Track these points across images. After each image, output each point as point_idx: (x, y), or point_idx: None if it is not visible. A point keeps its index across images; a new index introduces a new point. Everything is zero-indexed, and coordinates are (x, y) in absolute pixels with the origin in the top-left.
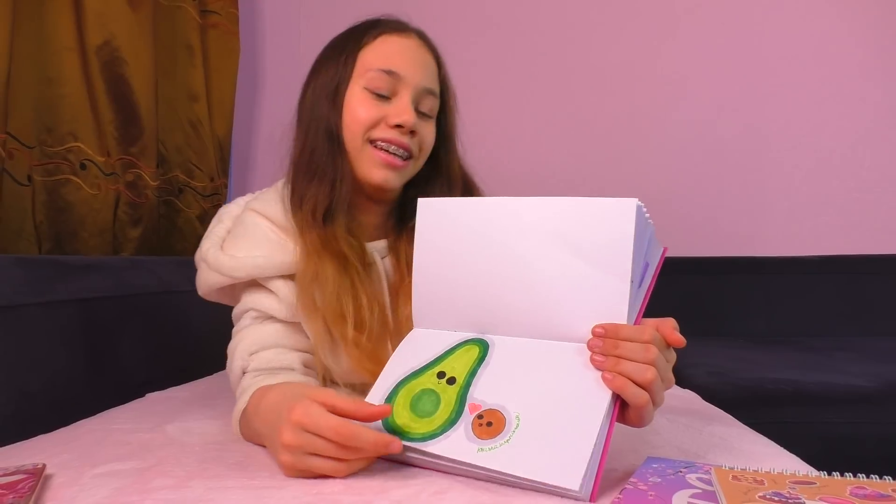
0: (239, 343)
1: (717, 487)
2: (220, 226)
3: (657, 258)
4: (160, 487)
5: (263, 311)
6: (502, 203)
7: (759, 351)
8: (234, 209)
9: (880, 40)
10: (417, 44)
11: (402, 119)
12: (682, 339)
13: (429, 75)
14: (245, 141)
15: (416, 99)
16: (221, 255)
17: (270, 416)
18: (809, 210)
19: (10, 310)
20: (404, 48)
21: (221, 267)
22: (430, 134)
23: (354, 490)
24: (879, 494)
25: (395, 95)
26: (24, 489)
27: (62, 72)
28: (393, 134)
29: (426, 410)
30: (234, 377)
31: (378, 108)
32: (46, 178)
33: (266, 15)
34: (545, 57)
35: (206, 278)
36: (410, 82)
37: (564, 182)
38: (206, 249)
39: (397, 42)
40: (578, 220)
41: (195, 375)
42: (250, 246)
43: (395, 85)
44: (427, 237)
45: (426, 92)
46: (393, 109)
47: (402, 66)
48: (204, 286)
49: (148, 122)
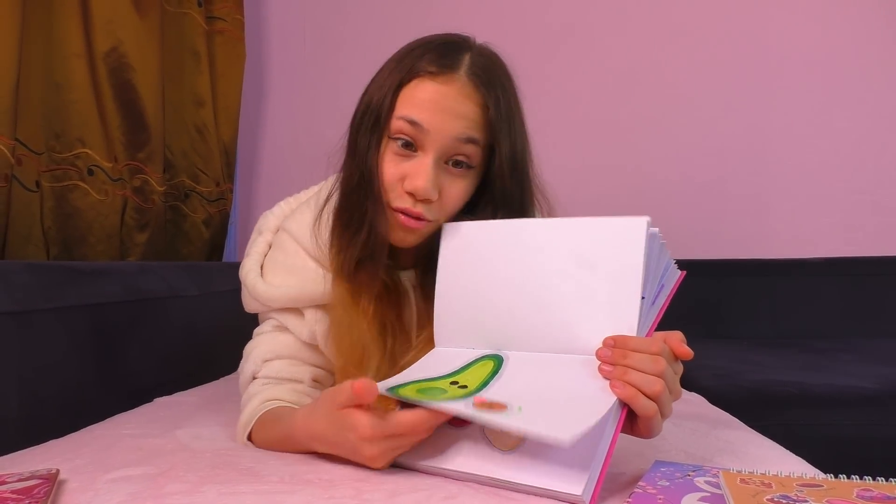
0: (256, 347)
1: (726, 490)
2: (260, 239)
3: (673, 282)
4: (174, 493)
5: (282, 324)
6: (520, 224)
7: (764, 353)
8: (273, 221)
9: (883, 42)
10: (457, 89)
11: (414, 186)
12: (690, 352)
13: (464, 123)
14: (250, 146)
15: (445, 153)
16: (259, 283)
17: (326, 434)
18: (813, 212)
19: (22, 315)
20: (441, 96)
21: (258, 295)
22: (459, 189)
23: (365, 495)
24: (886, 496)
25: (420, 150)
26: (39, 494)
27: (70, 78)
28: (407, 203)
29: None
30: (245, 378)
31: (399, 165)
32: (54, 184)
33: (272, 21)
34: (549, 60)
35: (246, 302)
36: (437, 137)
37: (568, 186)
38: (246, 271)
39: (431, 89)
40: (592, 239)
41: (203, 380)
42: (286, 275)
43: (419, 138)
44: (449, 259)
45: (462, 142)
46: (411, 170)
47: (427, 117)
48: (246, 308)
49: (155, 127)
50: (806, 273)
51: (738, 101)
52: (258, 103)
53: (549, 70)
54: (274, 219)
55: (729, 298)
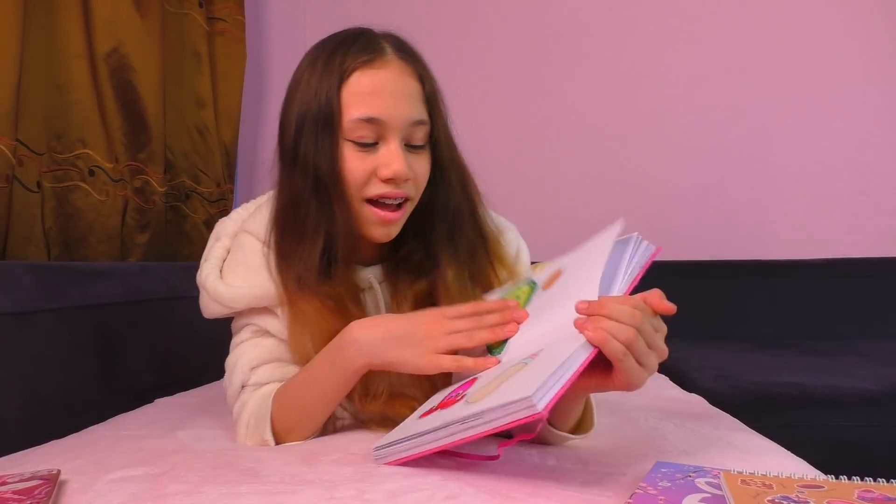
0: (240, 357)
1: (727, 491)
2: (217, 245)
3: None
4: (175, 493)
5: (262, 327)
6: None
7: (765, 354)
8: (231, 226)
9: (883, 43)
10: (395, 71)
11: (392, 171)
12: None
13: (415, 106)
14: (251, 147)
15: (406, 137)
16: (220, 285)
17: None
18: (814, 213)
19: (24, 316)
20: (382, 84)
21: (220, 297)
22: (424, 165)
23: (366, 496)
24: (887, 498)
25: (381, 140)
26: (40, 494)
27: (71, 79)
28: (387, 188)
29: None
30: (233, 390)
31: (366, 160)
32: (55, 185)
33: (272, 22)
34: (552, 62)
35: (206, 306)
36: (395, 124)
37: (571, 188)
38: (205, 275)
39: (372, 78)
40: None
41: (204, 381)
42: (248, 274)
43: (379, 131)
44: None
45: (415, 125)
46: (382, 160)
47: (382, 109)
48: (206, 312)
49: (156, 128)
50: (807, 274)
51: (738, 102)
52: (259, 104)
53: (550, 72)
54: (232, 224)
55: (729, 299)
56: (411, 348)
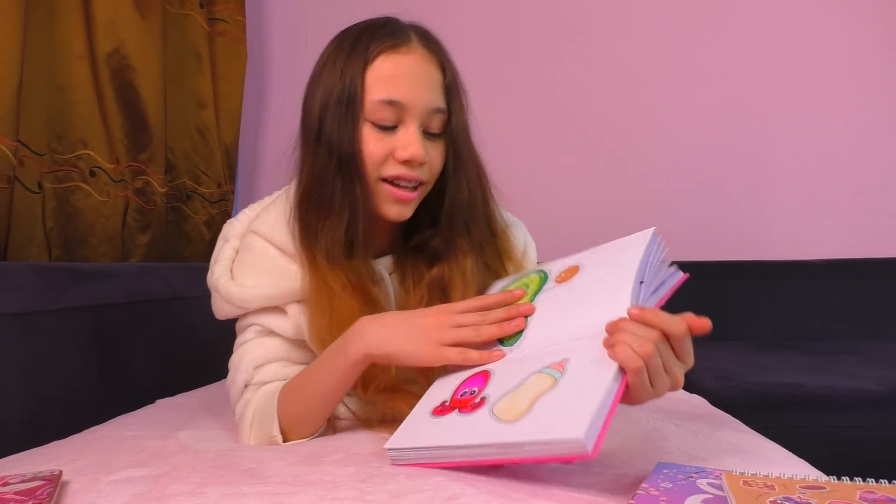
0: (244, 356)
1: (729, 492)
2: (227, 246)
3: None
4: (176, 494)
5: (268, 327)
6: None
7: (766, 355)
8: (239, 227)
9: (883, 44)
10: (419, 58)
11: (409, 154)
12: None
13: (435, 93)
14: (252, 147)
15: (424, 123)
16: (232, 286)
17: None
18: (814, 213)
19: (26, 316)
20: (405, 69)
21: (233, 298)
22: (439, 153)
23: (368, 496)
24: (889, 499)
25: (400, 123)
26: (42, 495)
27: (72, 79)
28: (403, 170)
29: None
30: (237, 389)
31: (384, 141)
32: (56, 186)
33: (273, 22)
34: (549, 62)
35: (219, 307)
36: (415, 109)
37: (569, 188)
38: (217, 277)
39: (396, 62)
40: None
41: (205, 381)
42: (258, 274)
43: (399, 114)
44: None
45: (433, 112)
46: (400, 142)
47: (404, 93)
48: (219, 314)
49: (156, 128)
50: (807, 275)
51: (739, 102)
52: (259, 104)
53: (550, 71)
54: (240, 225)
55: (730, 300)
56: (415, 339)
